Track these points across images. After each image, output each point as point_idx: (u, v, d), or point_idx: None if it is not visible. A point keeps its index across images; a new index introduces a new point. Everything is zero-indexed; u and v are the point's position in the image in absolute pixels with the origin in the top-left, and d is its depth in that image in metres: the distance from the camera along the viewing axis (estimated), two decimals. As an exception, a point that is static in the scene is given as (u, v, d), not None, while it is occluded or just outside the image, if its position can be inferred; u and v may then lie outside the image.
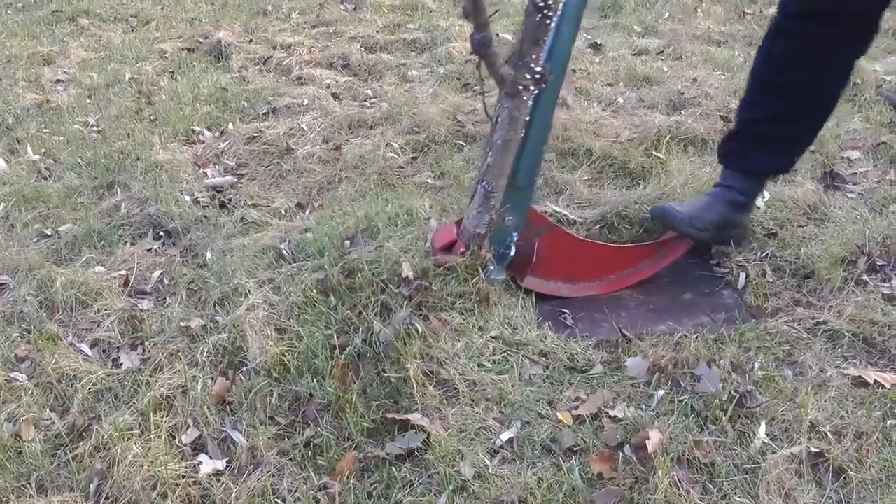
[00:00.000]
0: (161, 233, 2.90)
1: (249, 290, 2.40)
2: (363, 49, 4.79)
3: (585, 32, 5.02)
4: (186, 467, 1.88)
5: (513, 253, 2.33)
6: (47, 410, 2.08)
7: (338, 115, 3.72)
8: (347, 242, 2.52)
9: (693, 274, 2.56)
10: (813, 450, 1.82)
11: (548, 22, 1.97)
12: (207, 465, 1.90)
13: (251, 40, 5.03)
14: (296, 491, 1.83)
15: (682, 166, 3.05)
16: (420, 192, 2.99)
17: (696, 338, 2.18)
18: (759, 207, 2.72)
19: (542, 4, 1.94)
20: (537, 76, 2.05)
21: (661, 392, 2.01)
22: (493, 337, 2.19)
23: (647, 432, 1.84)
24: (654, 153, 3.19)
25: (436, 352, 2.11)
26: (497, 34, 1.96)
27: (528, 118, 2.15)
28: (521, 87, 2.06)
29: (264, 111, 3.91)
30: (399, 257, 2.32)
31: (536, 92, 2.09)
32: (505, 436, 1.91)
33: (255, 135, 3.58)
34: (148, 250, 2.79)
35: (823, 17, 2.22)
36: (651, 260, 2.52)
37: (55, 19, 5.63)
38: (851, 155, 3.17)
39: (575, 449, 1.87)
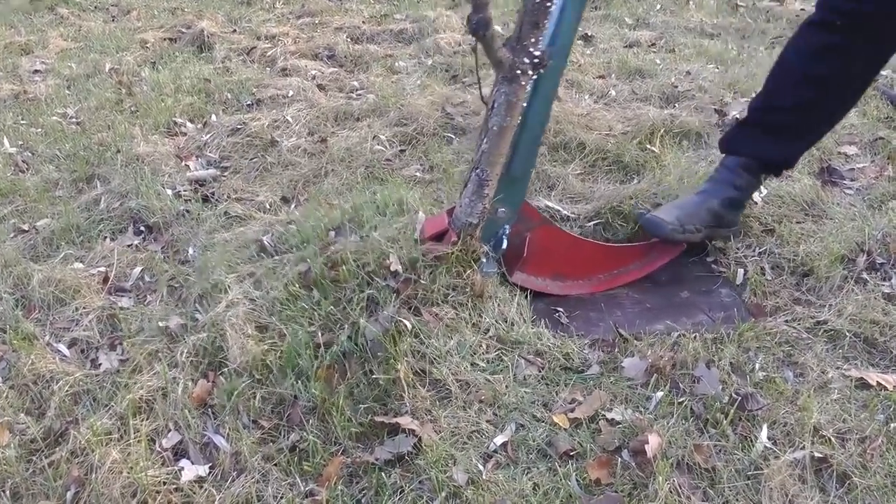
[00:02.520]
0: (142, 227, 2.84)
1: (229, 286, 2.32)
2: (349, 40, 4.74)
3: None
4: (167, 473, 1.81)
5: (505, 246, 2.25)
6: (22, 414, 2.01)
7: (323, 106, 3.67)
8: (332, 233, 2.43)
9: (690, 272, 2.50)
10: (816, 455, 1.77)
11: (548, 4, 1.90)
12: (189, 471, 1.83)
13: (234, 30, 4.97)
14: (281, 498, 1.77)
15: (677, 160, 3.00)
16: (409, 185, 2.93)
17: (695, 338, 2.13)
18: (756, 203, 2.68)
19: None
20: (536, 60, 1.97)
21: (660, 394, 1.95)
22: (488, 335, 2.12)
23: (645, 436, 1.79)
24: (648, 147, 3.14)
25: (427, 349, 2.04)
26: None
27: (525, 105, 2.07)
28: (518, 72, 1.98)
29: (248, 103, 3.85)
30: (386, 248, 2.23)
31: (535, 77, 2.03)
32: (499, 439, 1.85)
33: (239, 127, 3.51)
34: (128, 246, 2.73)
35: (867, 16, 2.21)
36: (642, 261, 2.47)
37: (34, 8, 5.56)
38: (848, 150, 3.13)
39: (571, 453, 1.81)
